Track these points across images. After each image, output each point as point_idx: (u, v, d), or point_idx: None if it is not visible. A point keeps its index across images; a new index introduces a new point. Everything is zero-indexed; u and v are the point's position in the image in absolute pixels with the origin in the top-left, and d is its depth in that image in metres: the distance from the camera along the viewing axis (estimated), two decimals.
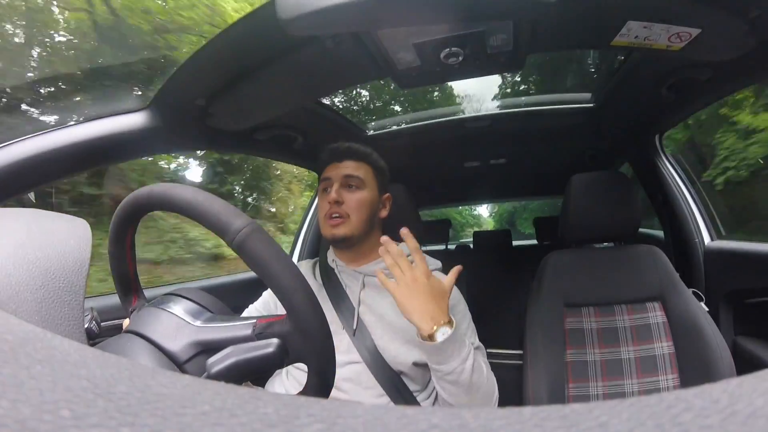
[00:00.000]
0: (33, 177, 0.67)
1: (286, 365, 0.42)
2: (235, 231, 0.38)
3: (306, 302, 0.39)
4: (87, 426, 0.09)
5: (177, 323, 0.41)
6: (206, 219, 0.39)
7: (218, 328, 0.41)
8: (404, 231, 0.66)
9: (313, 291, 0.40)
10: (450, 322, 0.64)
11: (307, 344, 0.40)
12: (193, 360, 0.39)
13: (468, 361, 0.64)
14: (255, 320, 0.42)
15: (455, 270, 0.68)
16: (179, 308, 0.42)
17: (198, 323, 0.41)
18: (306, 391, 0.43)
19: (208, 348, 0.40)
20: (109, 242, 0.47)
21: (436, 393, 0.74)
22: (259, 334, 0.41)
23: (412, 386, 0.75)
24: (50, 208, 0.41)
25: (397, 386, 0.74)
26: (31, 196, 0.68)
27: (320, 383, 0.42)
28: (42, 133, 0.67)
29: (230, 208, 0.39)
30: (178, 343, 0.39)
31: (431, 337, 0.62)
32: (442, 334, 0.62)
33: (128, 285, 0.49)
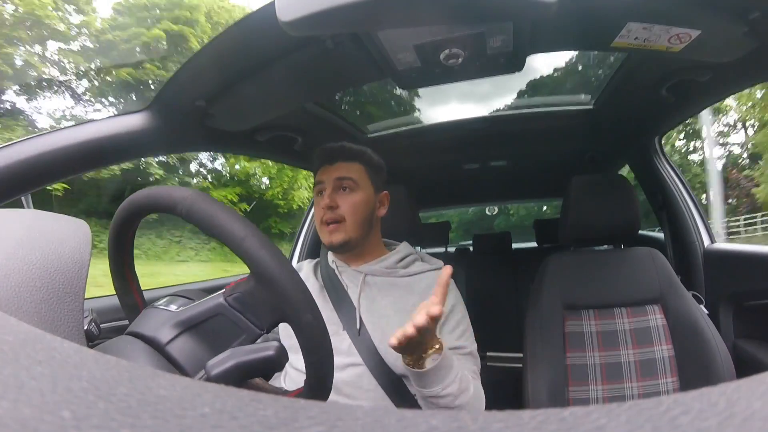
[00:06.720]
0: (33, 178, 0.67)
1: (268, 332, 0.43)
2: (182, 201, 0.40)
3: (259, 245, 0.38)
4: (88, 427, 0.09)
5: (160, 314, 0.43)
6: (161, 204, 0.41)
7: (193, 305, 0.43)
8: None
9: (266, 237, 0.40)
10: (440, 348, 0.62)
11: (275, 295, 0.39)
12: (175, 341, 0.40)
13: (452, 386, 0.63)
14: (224, 288, 0.43)
15: (445, 281, 0.59)
16: (167, 304, 0.44)
17: (175, 308, 0.43)
18: (305, 365, 0.42)
19: (187, 325, 0.41)
20: (111, 271, 0.48)
21: None
22: (230, 297, 0.42)
23: (413, 390, 0.74)
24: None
25: (398, 390, 0.73)
26: (28, 200, 0.67)
27: (309, 344, 0.40)
28: (42, 133, 0.67)
29: (175, 187, 0.41)
30: (158, 328, 0.41)
31: (419, 363, 0.61)
32: (432, 360, 0.61)
33: (136, 310, 0.50)
